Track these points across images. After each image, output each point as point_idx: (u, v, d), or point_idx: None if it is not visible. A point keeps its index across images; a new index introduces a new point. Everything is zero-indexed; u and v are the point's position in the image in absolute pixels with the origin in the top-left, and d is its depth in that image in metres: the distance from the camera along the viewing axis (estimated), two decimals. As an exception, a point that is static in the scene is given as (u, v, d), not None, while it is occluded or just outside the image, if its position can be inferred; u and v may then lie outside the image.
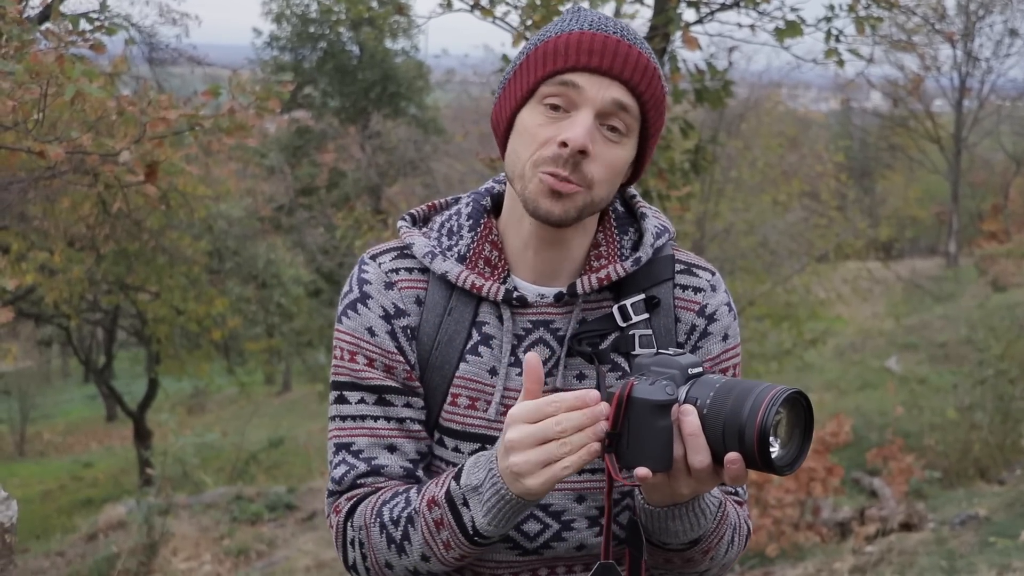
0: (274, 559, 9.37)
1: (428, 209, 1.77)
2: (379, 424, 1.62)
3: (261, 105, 5.87)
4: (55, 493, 18.93)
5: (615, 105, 1.53)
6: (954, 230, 32.90)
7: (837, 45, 6.76)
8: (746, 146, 18.63)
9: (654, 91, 1.57)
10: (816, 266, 18.56)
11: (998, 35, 32.29)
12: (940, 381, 16.58)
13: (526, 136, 1.56)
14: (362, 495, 1.60)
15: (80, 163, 6.86)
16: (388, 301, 1.64)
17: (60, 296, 13.07)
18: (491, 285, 1.61)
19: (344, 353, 1.65)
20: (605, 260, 1.65)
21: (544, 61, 1.55)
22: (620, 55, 1.53)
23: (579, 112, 1.53)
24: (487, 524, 1.44)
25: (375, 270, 1.67)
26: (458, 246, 1.66)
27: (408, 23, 18.46)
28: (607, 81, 1.53)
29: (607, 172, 1.55)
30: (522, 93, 1.57)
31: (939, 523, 7.81)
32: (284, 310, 18.53)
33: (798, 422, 1.39)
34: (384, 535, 1.54)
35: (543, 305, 1.62)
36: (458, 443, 1.63)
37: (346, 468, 1.63)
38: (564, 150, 1.51)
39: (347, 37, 28.38)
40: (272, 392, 28.63)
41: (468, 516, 1.45)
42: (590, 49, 1.53)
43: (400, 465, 1.62)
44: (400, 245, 1.70)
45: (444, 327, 1.64)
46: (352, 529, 1.59)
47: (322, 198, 23.95)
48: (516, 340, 1.63)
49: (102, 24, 5.84)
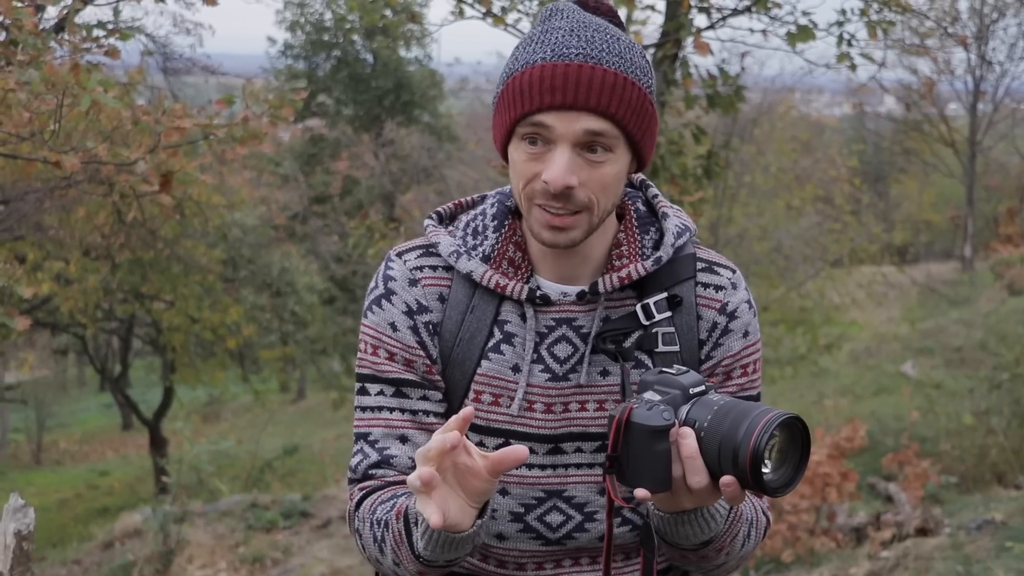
0: (289, 567, 9.39)
1: (454, 207, 1.81)
2: (394, 416, 1.68)
3: (275, 114, 5.90)
4: (71, 501, 18.99)
5: (588, 134, 1.54)
6: (969, 234, 32.75)
7: (849, 49, 6.76)
8: (759, 151, 18.61)
9: (629, 103, 1.55)
10: (831, 271, 18.53)
11: (1012, 38, 32.20)
12: (956, 386, 16.48)
13: (516, 171, 1.60)
14: (371, 488, 1.66)
15: (95, 173, 6.90)
16: (411, 297, 1.68)
17: (76, 305, 13.13)
18: (515, 284, 1.65)
19: (367, 347, 1.70)
20: (627, 259, 1.68)
21: (513, 103, 1.57)
22: (583, 84, 1.52)
23: (556, 148, 1.54)
24: (425, 550, 1.48)
25: (400, 267, 1.71)
26: (483, 246, 1.69)
27: (421, 31, 18.50)
28: (574, 114, 1.53)
29: (600, 192, 1.58)
30: (504, 131, 1.61)
31: (955, 528, 7.78)
32: (298, 318, 18.56)
33: (794, 446, 1.41)
34: (371, 533, 1.61)
35: (566, 304, 1.66)
36: (482, 438, 1.67)
37: (361, 457, 1.69)
38: (549, 187, 1.54)
39: (361, 45, 28.44)
40: (287, 400, 28.67)
41: (416, 537, 1.50)
42: (551, 86, 1.53)
43: (409, 456, 1.66)
44: (426, 243, 1.74)
45: (466, 324, 1.68)
46: (357, 520, 1.66)
47: (336, 206, 23.97)
48: (539, 337, 1.66)
49: (116, 29, 5.87)
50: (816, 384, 18.81)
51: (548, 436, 1.66)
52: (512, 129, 1.59)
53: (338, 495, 11.62)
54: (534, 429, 1.66)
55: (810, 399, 17.67)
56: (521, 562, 1.70)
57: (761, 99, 19.30)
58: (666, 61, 6.78)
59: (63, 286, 12.86)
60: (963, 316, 23.25)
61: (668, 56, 6.77)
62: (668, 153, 6.82)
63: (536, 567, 1.71)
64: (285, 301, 18.01)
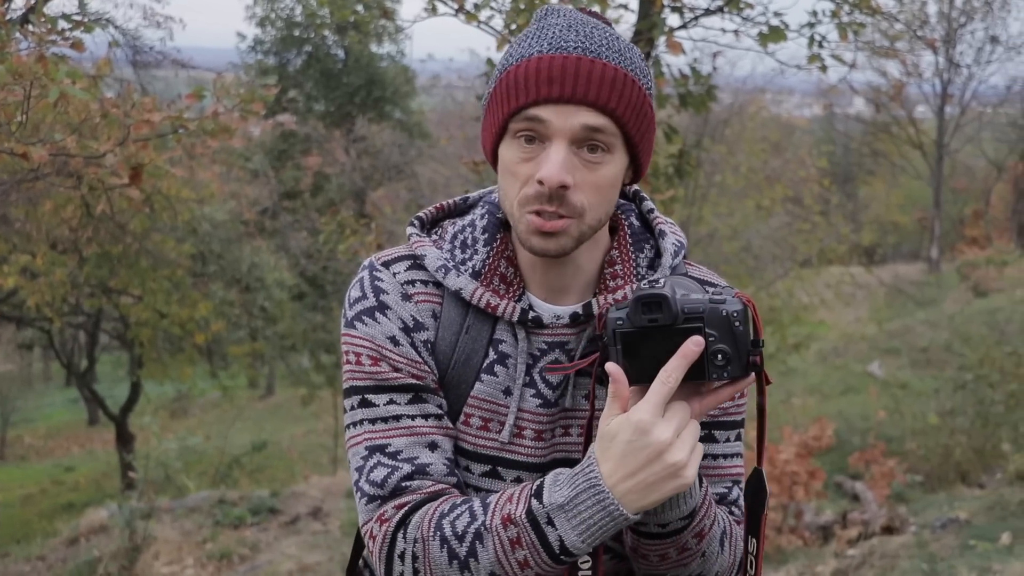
0: (257, 563, 9.35)
1: (437, 211, 1.73)
2: (416, 422, 1.56)
3: (245, 108, 5.87)
4: (36, 497, 18.84)
5: (586, 130, 1.47)
6: (936, 235, 33.06)
7: (820, 51, 6.79)
8: (730, 151, 18.72)
9: (628, 101, 1.50)
10: (799, 271, 18.67)
11: (979, 42, 32.52)
12: (921, 386, 16.65)
13: (508, 174, 1.53)
14: (415, 503, 1.52)
15: (63, 165, 6.84)
16: (407, 313, 1.60)
17: (42, 299, 13.00)
18: (506, 304, 1.58)
19: (363, 358, 1.58)
20: (621, 280, 1.62)
21: (508, 97, 1.50)
22: (582, 77, 1.47)
23: (551, 145, 1.48)
24: (580, 542, 1.41)
25: (390, 280, 1.62)
26: (472, 260, 1.61)
27: (394, 27, 18.46)
28: (572, 108, 1.46)
29: (595, 196, 1.51)
30: (496, 128, 1.54)
31: (920, 527, 7.85)
32: (268, 314, 18.50)
33: None
34: (446, 550, 1.47)
35: (559, 327, 1.59)
36: (469, 463, 1.61)
37: (387, 470, 1.54)
38: (543, 186, 1.47)
39: (332, 41, 28.36)
40: (255, 396, 28.56)
41: (555, 535, 1.41)
42: (549, 78, 1.46)
43: (443, 462, 1.56)
44: (411, 254, 1.65)
45: (461, 345, 1.60)
46: (404, 542, 1.49)
47: (306, 202, 23.91)
48: (531, 360, 1.60)
49: (81, 22, 5.82)
50: (784, 383, 18.94)
51: (537, 465, 1.61)
52: (505, 125, 1.52)
53: (306, 491, 11.59)
54: (523, 457, 1.61)
55: (778, 398, 17.78)
56: None
57: (732, 99, 19.41)
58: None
59: (29, 279, 12.73)
60: (929, 317, 23.47)
61: (640, 55, 6.79)
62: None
63: None
64: (254, 297, 17.94)
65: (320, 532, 10.13)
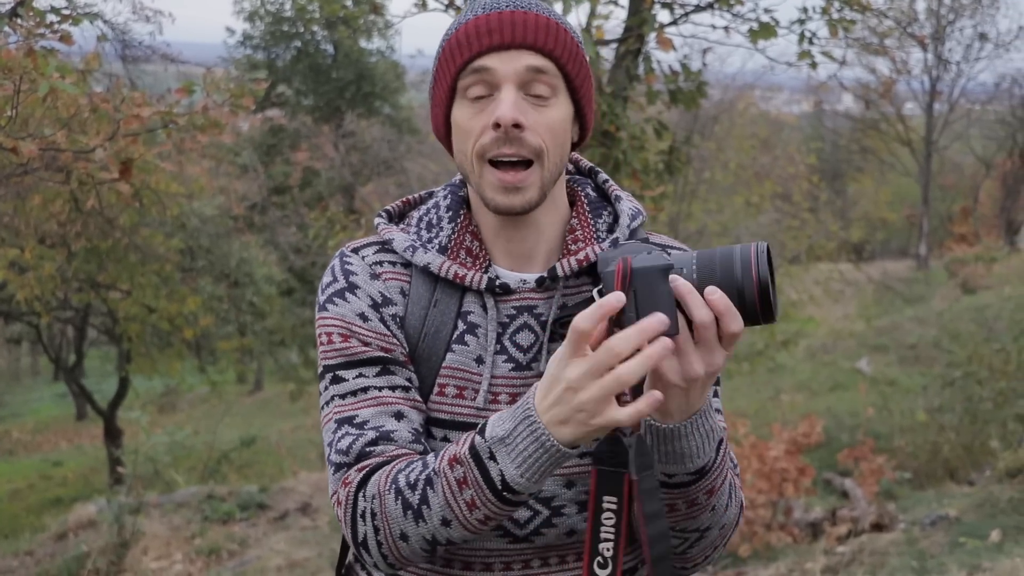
0: (246, 559, 9.33)
1: (403, 204, 1.79)
2: (383, 393, 1.60)
3: (235, 103, 5.86)
4: (24, 492, 18.77)
5: (530, 71, 1.56)
6: (924, 232, 33.16)
7: (810, 47, 6.81)
8: (719, 148, 18.73)
9: (564, 45, 1.59)
10: (788, 267, 18.67)
11: (968, 39, 32.65)
12: (910, 383, 16.69)
13: (462, 132, 1.60)
14: (375, 465, 1.54)
15: (53, 160, 6.81)
16: (375, 291, 1.65)
17: (30, 293, 12.95)
18: (474, 274, 1.63)
19: (335, 337, 1.63)
20: (582, 243, 1.67)
21: (453, 56, 1.59)
22: (518, 24, 1.56)
23: (500, 91, 1.56)
24: (519, 476, 1.40)
25: (359, 262, 1.68)
26: (438, 238, 1.68)
27: (383, 23, 18.44)
28: (514, 52, 1.56)
29: (550, 136, 1.58)
30: (445, 93, 1.62)
31: (910, 524, 7.86)
32: (256, 309, 18.46)
33: (770, 269, 1.43)
34: (400, 501, 1.48)
35: (525, 291, 1.64)
36: (447, 432, 1.63)
37: (351, 439, 1.57)
38: (499, 130, 1.54)
39: (321, 36, 28.31)
40: (244, 391, 28.52)
41: (496, 470, 1.41)
42: (488, 29, 1.56)
43: (409, 431, 1.58)
44: (380, 240, 1.71)
45: (430, 319, 1.65)
46: (364, 500, 1.52)
47: (295, 197, 23.88)
48: (501, 328, 1.64)
49: (69, 15, 5.80)
50: (773, 380, 18.98)
51: None
52: (454, 87, 1.60)
53: (295, 487, 11.57)
54: None
55: (767, 395, 17.82)
56: (488, 562, 1.64)
57: (722, 96, 19.44)
58: (629, 56, 6.80)
59: (18, 274, 12.67)
60: (918, 314, 23.52)
61: (631, 51, 6.79)
62: (630, 148, 6.84)
63: (504, 567, 1.65)
64: (243, 292, 17.90)
65: (309, 528, 10.11)
